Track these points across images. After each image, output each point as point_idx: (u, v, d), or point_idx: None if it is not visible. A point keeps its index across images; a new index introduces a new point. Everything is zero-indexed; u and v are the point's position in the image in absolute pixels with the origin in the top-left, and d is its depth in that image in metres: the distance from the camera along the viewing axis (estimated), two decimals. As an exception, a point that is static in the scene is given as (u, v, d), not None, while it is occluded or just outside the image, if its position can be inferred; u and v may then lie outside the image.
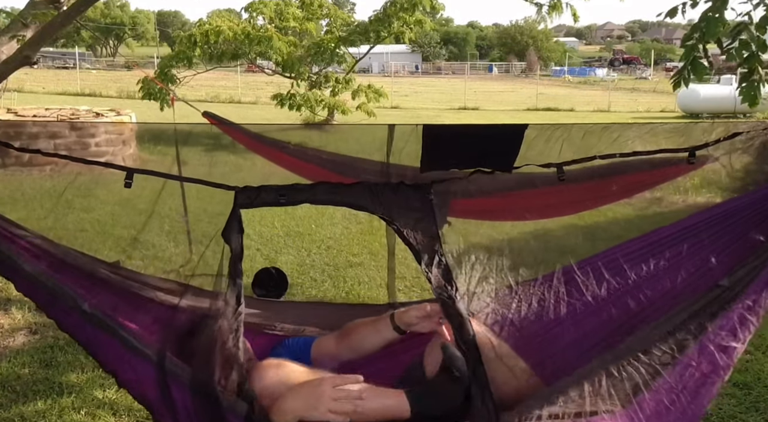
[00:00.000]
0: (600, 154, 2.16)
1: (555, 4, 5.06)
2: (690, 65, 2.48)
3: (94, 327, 1.91)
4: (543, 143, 2.13)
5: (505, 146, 2.03)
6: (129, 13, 75.33)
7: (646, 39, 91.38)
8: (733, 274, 1.87)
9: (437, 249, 1.94)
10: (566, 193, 2.84)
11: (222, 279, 2.01)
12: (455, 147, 2.07)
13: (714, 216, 2.05)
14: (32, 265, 1.94)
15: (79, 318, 1.91)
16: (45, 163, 9.52)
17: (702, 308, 1.84)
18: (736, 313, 1.83)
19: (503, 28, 79.39)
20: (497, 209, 2.98)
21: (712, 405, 3.27)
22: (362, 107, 13.79)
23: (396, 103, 24.98)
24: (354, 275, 5.31)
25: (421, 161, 2.08)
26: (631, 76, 52.12)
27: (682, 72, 2.51)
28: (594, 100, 29.22)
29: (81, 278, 2.06)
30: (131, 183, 2.02)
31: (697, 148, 2.10)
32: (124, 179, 2.01)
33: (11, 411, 3.15)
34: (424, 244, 1.94)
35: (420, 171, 2.11)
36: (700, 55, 2.48)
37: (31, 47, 3.55)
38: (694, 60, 2.46)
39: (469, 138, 2.08)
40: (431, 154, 2.06)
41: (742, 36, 2.48)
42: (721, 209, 2.07)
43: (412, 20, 13.46)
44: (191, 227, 4.07)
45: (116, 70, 43.88)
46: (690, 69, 2.48)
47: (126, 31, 71.95)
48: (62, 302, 1.92)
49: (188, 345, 2.05)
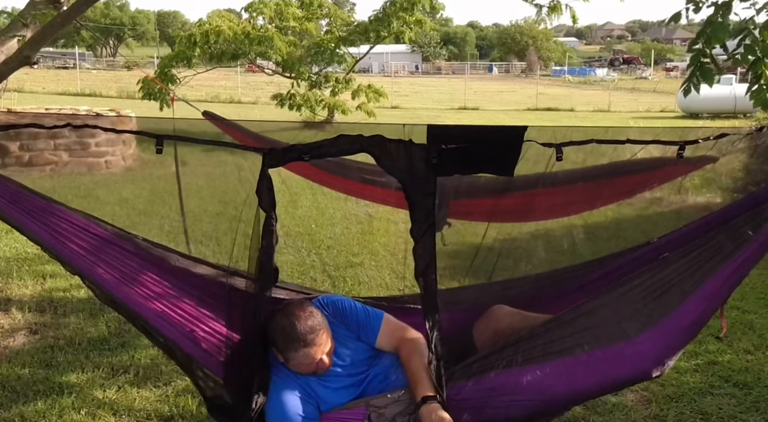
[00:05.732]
0: (597, 138, 2.20)
1: (555, 6, 5.06)
2: (698, 71, 2.49)
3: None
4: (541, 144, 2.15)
5: (505, 151, 2.09)
6: (129, 14, 75.36)
7: (646, 39, 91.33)
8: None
9: (430, 208, 2.07)
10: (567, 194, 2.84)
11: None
12: (458, 152, 2.10)
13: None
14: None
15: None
16: (45, 163, 9.54)
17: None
18: None
19: (503, 28, 79.35)
20: (498, 210, 2.98)
21: (712, 405, 3.27)
22: (362, 107, 13.79)
23: (396, 103, 24.98)
24: (354, 275, 5.31)
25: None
26: (631, 76, 52.12)
27: (690, 78, 2.52)
28: (594, 100, 29.23)
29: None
30: (162, 149, 2.15)
31: (688, 142, 2.18)
32: (155, 145, 2.14)
33: (11, 411, 3.15)
34: (420, 201, 2.08)
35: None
36: (707, 60, 2.48)
37: (31, 47, 3.55)
38: (702, 65, 2.47)
39: (471, 143, 2.10)
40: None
41: (746, 41, 2.49)
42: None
43: (411, 20, 13.46)
44: (191, 227, 4.06)
45: (116, 70, 43.90)
46: (698, 75, 2.49)
47: (126, 31, 71.96)
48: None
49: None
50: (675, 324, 2.10)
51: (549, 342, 2.13)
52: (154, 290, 2.23)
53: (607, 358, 2.10)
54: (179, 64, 12.86)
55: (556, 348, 2.11)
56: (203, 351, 2.24)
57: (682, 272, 2.11)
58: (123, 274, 2.21)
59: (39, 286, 4.87)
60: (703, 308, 2.12)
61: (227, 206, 7.07)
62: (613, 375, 2.12)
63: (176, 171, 3.91)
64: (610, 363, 2.10)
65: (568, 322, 2.15)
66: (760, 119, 9.24)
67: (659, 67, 57.72)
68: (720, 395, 3.38)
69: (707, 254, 2.11)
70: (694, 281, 2.10)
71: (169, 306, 2.24)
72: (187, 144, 2.25)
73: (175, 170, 3.45)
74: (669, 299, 2.10)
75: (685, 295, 2.10)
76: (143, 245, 2.34)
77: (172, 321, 2.22)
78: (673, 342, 2.12)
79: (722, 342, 3.90)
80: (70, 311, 4.37)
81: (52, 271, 5.00)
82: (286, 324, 2.24)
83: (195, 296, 2.30)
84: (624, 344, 2.09)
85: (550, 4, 5.11)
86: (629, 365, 2.11)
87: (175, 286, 2.28)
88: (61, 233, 2.16)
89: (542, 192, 2.84)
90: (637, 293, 2.14)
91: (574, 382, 2.10)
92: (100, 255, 2.20)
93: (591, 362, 2.09)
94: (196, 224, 6.34)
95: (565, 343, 2.11)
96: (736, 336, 4.07)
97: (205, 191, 8.12)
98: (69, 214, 2.21)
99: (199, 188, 8.21)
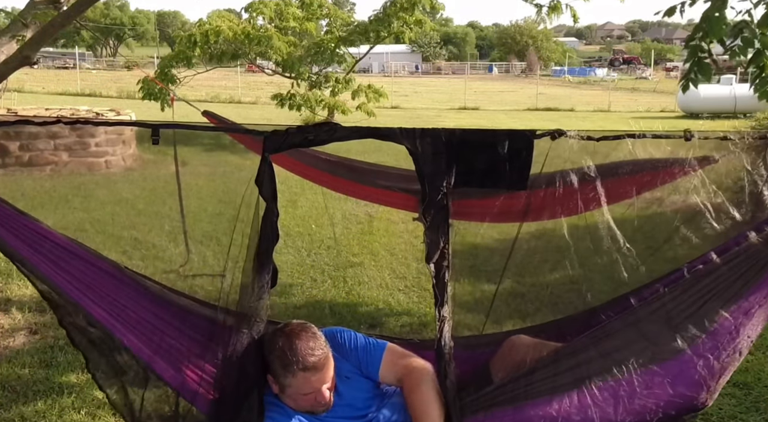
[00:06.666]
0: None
1: (555, 6, 5.07)
2: (696, 66, 2.48)
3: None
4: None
5: (516, 162, 1.97)
6: (129, 14, 75.35)
7: (646, 39, 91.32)
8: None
9: (442, 188, 1.93)
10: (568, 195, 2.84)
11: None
12: (465, 162, 2.00)
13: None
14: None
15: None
16: (45, 163, 9.54)
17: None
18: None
19: (503, 28, 79.35)
20: (498, 211, 2.98)
21: (712, 405, 3.26)
22: (362, 107, 13.78)
23: (396, 104, 24.98)
24: (354, 275, 5.31)
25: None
26: (631, 76, 52.09)
27: (688, 74, 2.51)
28: (594, 100, 29.23)
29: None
30: (158, 139, 1.99)
31: (690, 133, 2.10)
32: (151, 136, 2.00)
33: (11, 411, 3.15)
34: (431, 180, 1.95)
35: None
36: (705, 55, 2.47)
37: (31, 47, 3.56)
38: (700, 61, 2.46)
39: (478, 153, 1.99)
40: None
41: (744, 34, 2.48)
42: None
43: (411, 20, 13.44)
44: (191, 227, 4.07)
45: (116, 70, 43.89)
46: (696, 70, 2.48)
47: (126, 31, 71.95)
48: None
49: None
50: (718, 342, 1.93)
51: (571, 369, 1.93)
52: (134, 317, 2.06)
53: (647, 383, 1.90)
54: (179, 64, 12.85)
55: (574, 377, 1.91)
56: (188, 386, 2.08)
57: (719, 286, 1.96)
58: (101, 296, 2.04)
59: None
60: (747, 321, 1.95)
61: (227, 206, 7.08)
62: (656, 402, 1.92)
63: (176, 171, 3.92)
64: (654, 388, 1.91)
65: (594, 349, 1.95)
66: (760, 119, 9.23)
67: (659, 67, 57.71)
68: (720, 395, 3.36)
69: (743, 265, 1.98)
70: (733, 294, 1.95)
71: (155, 338, 2.07)
72: (187, 145, 2.25)
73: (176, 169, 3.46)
74: (706, 319, 1.94)
75: (724, 310, 1.94)
76: (127, 273, 2.16)
77: (156, 353, 2.06)
78: (718, 364, 1.96)
79: (722, 342, 3.89)
80: (70, 311, 4.37)
81: (52, 271, 5.00)
82: (284, 343, 2.01)
83: (181, 330, 2.11)
84: (666, 364, 1.92)
85: (551, 4, 5.12)
86: (675, 393, 1.93)
87: (158, 317, 2.10)
88: (36, 248, 2.00)
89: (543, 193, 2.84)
90: (671, 312, 1.97)
91: (606, 409, 1.89)
92: (79, 277, 2.03)
93: (621, 393, 1.89)
94: (196, 224, 6.34)
95: (586, 373, 1.91)
96: (736, 336, 4.07)
97: (205, 191, 8.12)
98: (47, 231, 2.04)
99: (199, 188, 8.22)
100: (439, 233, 1.92)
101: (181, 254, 5.33)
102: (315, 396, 2.02)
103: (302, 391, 2.01)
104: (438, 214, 1.92)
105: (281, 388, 2.05)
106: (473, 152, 1.97)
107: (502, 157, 1.96)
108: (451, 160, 1.95)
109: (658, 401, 1.91)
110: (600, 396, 1.88)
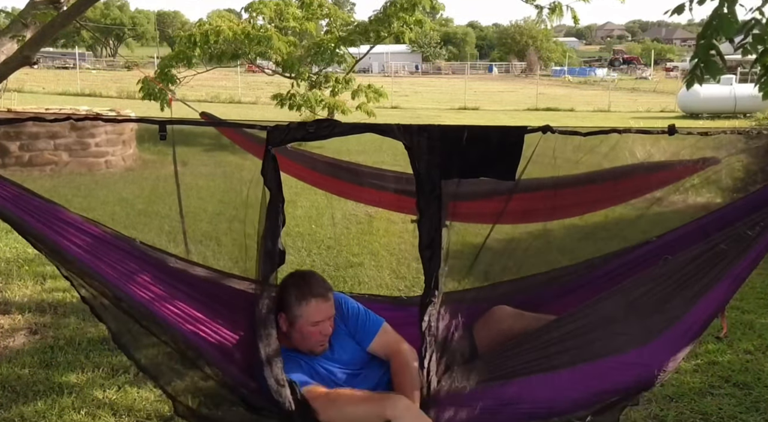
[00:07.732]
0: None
1: (555, 6, 5.06)
2: (703, 64, 2.46)
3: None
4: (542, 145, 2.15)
5: (506, 154, 2.09)
6: (129, 14, 75.33)
7: (646, 39, 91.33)
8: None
9: (436, 180, 2.06)
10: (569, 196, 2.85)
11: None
12: (457, 155, 2.10)
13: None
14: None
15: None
16: (45, 163, 9.55)
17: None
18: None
19: (503, 28, 79.34)
20: (499, 212, 2.98)
21: (712, 405, 3.27)
22: (362, 107, 13.77)
23: (396, 103, 24.97)
24: (354, 275, 5.31)
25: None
26: (631, 76, 52.10)
27: (694, 70, 2.49)
28: (594, 100, 29.21)
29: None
30: (165, 135, 2.14)
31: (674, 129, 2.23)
32: (159, 132, 2.13)
33: (11, 411, 3.14)
34: (425, 171, 2.07)
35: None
36: (713, 53, 2.45)
37: (31, 47, 3.56)
38: (708, 58, 2.44)
39: (470, 146, 2.09)
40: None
41: (755, 31, 2.46)
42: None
43: (411, 20, 13.43)
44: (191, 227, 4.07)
45: (116, 71, 43.88)
46: (703, 67, 2.46)
47: (126, 31, 71.94)
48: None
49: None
50: (680, 332, 2.09)
51: (550, 353, 2.13)
52: (155, 290, 2.20)
53: (610, 368, 2.10)
54: (179, 64, 12.84)
55: (556, 362, 2.11)
56: (210, 346, 2.22)
57: (687, 280, 2.10)
58: (126, 273, 2.17)
59: (39, 286, 4.87)
60: (707, 314, 2.11)
61: (227, 206, 7.07)
62: (615, 384, 2.11)
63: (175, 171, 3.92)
64: (615, 372, 2.10)
65: (570, 333, 2.14)
66: (760, 119, 9.24)
67: (659, 68, 57.66)
68: (720, 395, 3.38)
69: (711, 260, 2.09)
70: (699, 289, 2.09)
71: (173, 307, 2.21)
72: (187, 145, 2.26)
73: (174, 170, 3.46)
74: (673, 311, 2.09)
75: (690, 304, 2.09)
76: (142, 248, 2.29)
77: (177, 319, 2.20)
78: (677, 349, 2.11)
79: (722, 342, 3.90)
80: (70, 311, 4.37)
81: (52, 271, 5.00)
82: (299, 277, 2.37)
83: (196, 298, 2.27)
84: (629, 354, 2.09)
85: (551, 5, 5.11)
86: (632, 374, 2.10)
87: (176, 287, 2.25)
88: (62, 233, 2.11)
89: (543, 194, 2.84)
90: (641, 302, 2.12)
91: (575, 391, 2.10)
92: (102, 255, 2.15)
93: (592, 372, 2.10)
94: (196, 224, 6.34)
95: (564, 357, 2.11)
96: (736, 336, 4.07)
97: (205, 191, 8.12)
98: (69, 215, 2.17)
99: (199, 188, 8.22)
100: (432, 221, 2.07)
101: (181, 254, 5.32)
102: (320, 329, 2.30)
103: (313, 319, 2.28)
104: (431, 204, 2.06)
105: (291, 322, 2.30)
106: (467, 146, 2.08)
107: (494, 150, 2.10)
108: (445, 153, 2.06)
109: (621, 380, 2.12)
110: (575, 377, 2.11)
